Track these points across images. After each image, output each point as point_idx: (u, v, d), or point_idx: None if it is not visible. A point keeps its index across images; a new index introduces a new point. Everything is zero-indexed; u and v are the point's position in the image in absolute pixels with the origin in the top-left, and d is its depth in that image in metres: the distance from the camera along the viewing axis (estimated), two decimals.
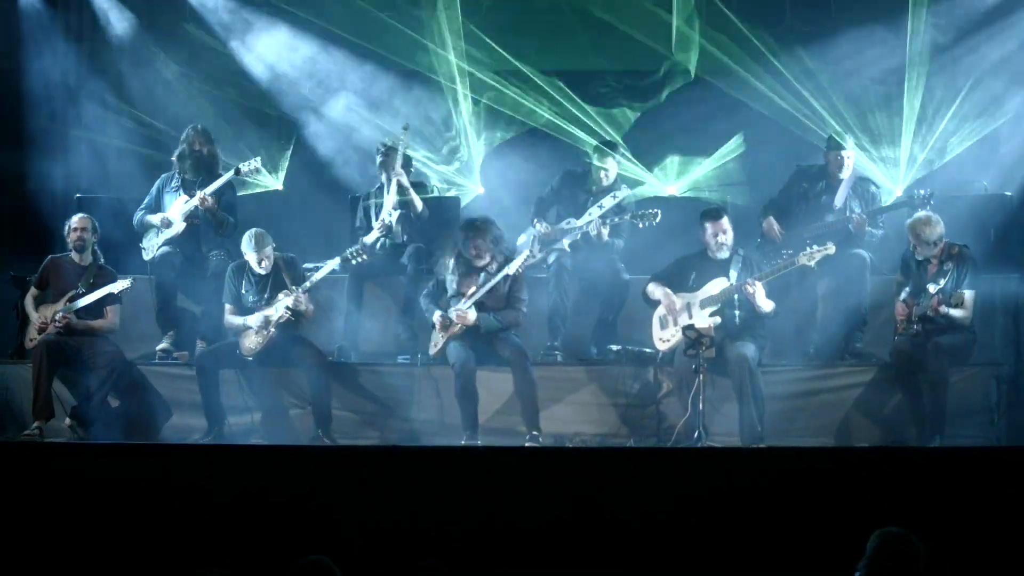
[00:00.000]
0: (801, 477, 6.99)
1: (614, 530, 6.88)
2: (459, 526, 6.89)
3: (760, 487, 6.94)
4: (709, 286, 8.71)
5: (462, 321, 8.74)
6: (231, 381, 9.04)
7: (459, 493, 7.01)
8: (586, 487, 7.04)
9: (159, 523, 7.02)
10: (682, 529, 6.87)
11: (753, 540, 6.83)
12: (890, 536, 4.90)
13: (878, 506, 6.71)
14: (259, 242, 9.03)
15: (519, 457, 7.74)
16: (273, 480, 7.18)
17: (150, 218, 9.78)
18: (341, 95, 11.27)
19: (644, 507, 6.91)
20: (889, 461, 7.23)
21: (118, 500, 7.10)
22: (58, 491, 7.16)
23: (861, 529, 5.09)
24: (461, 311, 8.74)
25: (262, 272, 9.05)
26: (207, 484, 7.13)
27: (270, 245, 9.08)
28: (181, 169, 9.84)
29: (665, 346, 8.81)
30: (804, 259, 8.63)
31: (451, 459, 7.52)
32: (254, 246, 9.02)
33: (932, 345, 8.49)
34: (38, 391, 8.79)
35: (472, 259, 8.88)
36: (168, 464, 7.37)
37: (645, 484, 7.04)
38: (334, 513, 6.98)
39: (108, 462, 7.39)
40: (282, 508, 7.01)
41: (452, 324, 8.78)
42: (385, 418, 9.13)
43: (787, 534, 6.80)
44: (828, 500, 6.86)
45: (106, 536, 7.02)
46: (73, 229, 9.23)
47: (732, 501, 6.90)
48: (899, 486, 6.88)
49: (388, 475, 7.17)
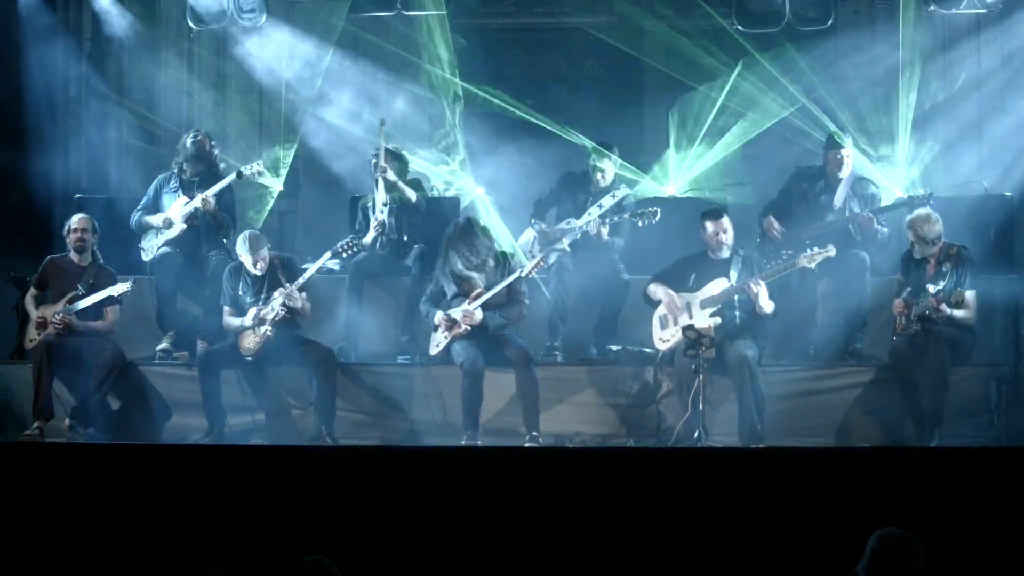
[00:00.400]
0: (801, 477, 6.98)
1: (614, 530, 6.87)
2: (459, 526, 6.89)
3: (760, 487, 6.93)
4: (710, 286, 8.71)
5: (469, 322, 8.73)
6: (231, 381, 9.04)
7: (459, 493, 7.01)
8: (586, 487, 7.03)
9: (159, 523, 7.01)
10: (682, 529, 6.87)
11: (753, 540, 6.82)
12: (889, 537, 4.91)
13: (878, 506, 6.71)
14: (253, 244, 9.00)
15: (519, 457, 7.74)
16: (273, 480, 7.18)
17: (149, 219, 9.77)
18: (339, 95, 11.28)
19: (644, 507, 6.91)
20: (889, 461, 7.22)
21: (118, 500, 7.09)
22: (58, 491, 7.16)
23: (861, 529, 5.10)
24: (468, 312, 8.74)
25: (258, 273, 9.04)
26: (207, 484, 7.13)
27: (265, 247, 9.06)
28: (181, 170, 9.83)
29: (665, 346, 8.81)
30: (805, 261, 8.62)
31: (451, 459, 7.51)
32: (248, 248, 8.99)
33: (932, 345, 8.48)
34: (38, 391, 8.79)
35: (469, 258, 8.87)
36: (168, 464, 7.37)
37: (645, 484, 7.03)
38: (334, 513, 6.98)
39: (108, 462, 7.39)
40: (282, 508, 7.00)
41: (456, 324, 8.77)
42: (385, 418, 9.13)
43: (787, 534, 6.79)
44: (828, 500, 6.86)
45: (106, 536, 7.01)
46: (73, 230, 9.22)
47: (732, 501, 6.89)
48: (899, 486, 6.88)
49: (388, 475, 7.16)
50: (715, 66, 11.09)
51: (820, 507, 6.84)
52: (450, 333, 8.80)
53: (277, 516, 6.98)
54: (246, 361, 8.97)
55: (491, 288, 8.81)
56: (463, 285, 8.88)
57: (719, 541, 6.84)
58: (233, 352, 8.98)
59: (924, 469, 7.08)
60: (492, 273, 8.89)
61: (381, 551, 6.74)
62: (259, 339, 8.86)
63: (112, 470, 7.26)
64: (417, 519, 6.92)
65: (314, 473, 7.23)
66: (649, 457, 7.72)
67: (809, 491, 6.91)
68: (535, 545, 6.87)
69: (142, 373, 9.21)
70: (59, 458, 7.57)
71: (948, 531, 6.59)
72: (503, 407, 8.92)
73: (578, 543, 6.89)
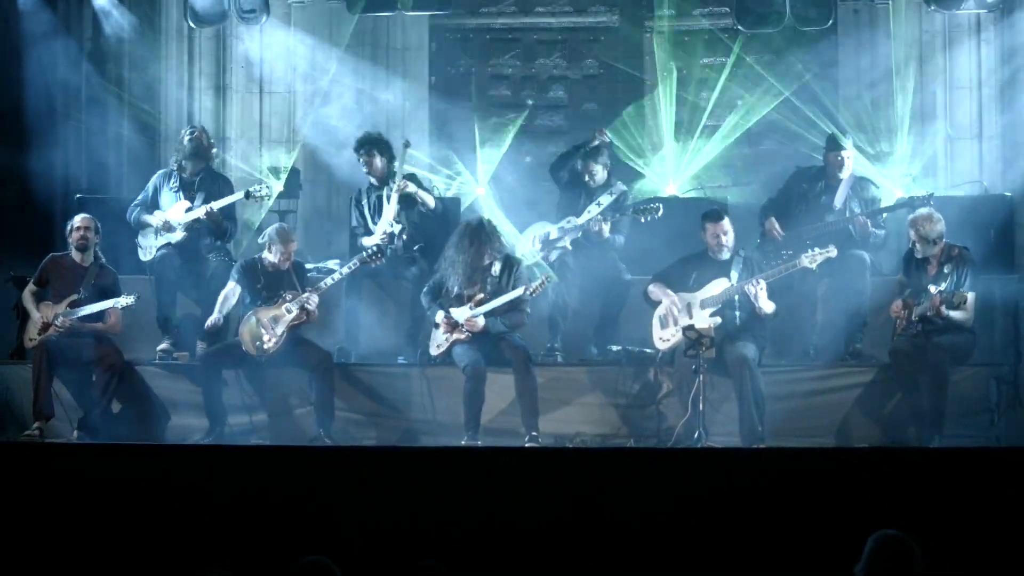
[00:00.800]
0: (801, 478, 6.98)
1: (614, 531, 6.87)
2: (459, 527, 6.89)
3: (760, 488, 6.93)
4: (710, 286, 8.71)
5: (471, 328, 8.74)
6: (231, 381, 9.05)
7: (459, 493, 7.01)
8: (586, 488, 7.03)
9: (159, 523, 7.01)
10: (682, 530, 6.86)
11: (753, 541, 6.82)
12: (888, 538, 4.91)
13: (878, 507, 6.71)
14: (284, 236, 9.03)
15: (519, 457, 7.74)
16: (273, 480, 7.17)
17: (147, 218, 9.73)
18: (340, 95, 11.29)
19: (644, 508, 6.90)
20: (889, 462, 7.22)
21: (118, 500, 7.09)
22: (58, 491, 7.15)
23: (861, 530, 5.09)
24: (471, 320, 8.74)
25: (282, 268, 9.02)
26: (207, 484, 7.13)
27: (294, 241, 9.10)
28: (180, 168, 9.81)
29: (665, 346, 8.81)
30: (806, 261, 8.62)
31: (451, 459, 7.51)
32: (280, 239, 9.00)
33: (932, 345, 8.50)
34: (38, 392, 8.79)
35: (477, 261, 8.87)
36: (168, 464, 7.37)
37: (645, 485, 7.03)
38: (334, 513, 6.97)
39: (108, 462, 7.38)
40: (282, 508, 7.00)
41: (459, 327, 8.77)
42: (385, 419, 9.13)
43: (787, 535, 6.79)
44: (828, 501, 6.85)
45: (106, 536, 7.01)
46: (76, 228, 9.21)
47: (732, 502, 6.89)
48: (899, 487, 6.87)
49: (388, 476, 7.16)
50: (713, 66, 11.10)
51: (820, 508, 6.84)
52: (451, 336, 8.80)
53: (277, 516, 6.98)
54: (247, 361, 8.97)
55: (495, 295, 8.80)
56: (468, 287, 8.87)
57: (719, 541, 6.84)
58: (235, 351, 8.99)
59: (924, 469, 7.07)
60: (496, 279, 8.89)
61: (381, 552, 6.74)
62: (275, 342, 8.86)
63: (112, 470, 7.25)
64: (417, 519, 6.92)
65: (314, 473, 7.23)
66: (649, 457, 7.72)
67: (809, 492, 6.91)
68: (535, 545, 6.87)
69: (141, 376, 9.21)
70: (59, 458, 7.57)
71: (948, 531, 6.59)
72: (504, 407, 8.91)
73: (578, 543, 6.89)
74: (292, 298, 8.91)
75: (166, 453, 7.83)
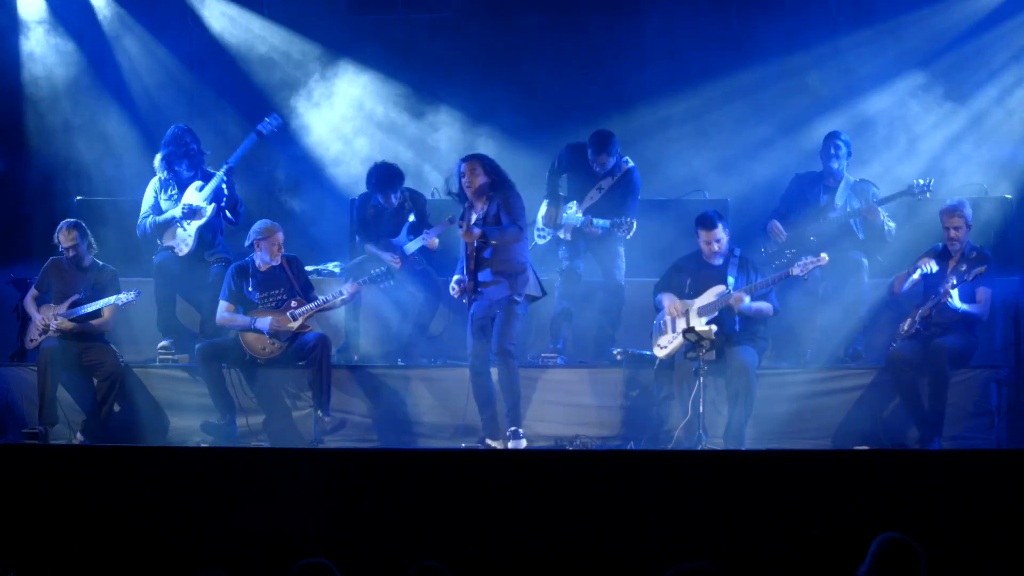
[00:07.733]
0: (801, 480, 6.98)
1: (614, 532, 6.88)
2: (459, 529, 6.89)
3: (760, 490, 6.93)
4: (706, 294, 8.72)
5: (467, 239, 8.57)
6: (231, 382, 9.05)
7: (459, 496, 7.01)
8: (586, 489, 7.04)
9: (159, 523, 7.02)
10: (682, 531, 6.87)
11: (753, 543, 6.82)
12: (892, 542, 4.91)
13: (878, 509, 6.71)
14: (267, 231, 9.05)
15: (520, 459, 7.74)
16: (273, 481, 7.17)
17: (167, 215, 9.60)
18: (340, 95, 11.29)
19: (644, 510, 6.91)
20: (888, 464, 7.21)
21: (118, 501, 7.10)
22: (59, 493, 7.16)
23: (861, 532, 5.10)
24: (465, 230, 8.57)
25: (273, 263, 9.04)
26: (207, 484, 7.13)
27: (279, 232, 9.10)
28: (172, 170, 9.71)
29: (663, 353, 8.80)
30: (796, 271, 8.65)
31: (451, 461, 7.50)
32: (264, 233, 9.03)
33: (934, 346, 8.51)
34: (43, 398, 8.84)
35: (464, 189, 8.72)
36: (168, 465, 7.37)
37: (645, 486, 7.03)
38: (334, 515, 6.98)
39: (108, 464, 7.38)
40: (282, 509, 7.00)
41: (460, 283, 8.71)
42: (385, 420, 9.13)
43: (787, 537, 6.79)
44: (828, 503, 6.86)
45: (106, 536, 7.02)
46: (65, 249, 9.14)
47: (732, 504, 6.90)
48: (899, 489, 6.88)
49: (388, 478, 7.16)
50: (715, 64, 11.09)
51: (820, 510, 6.85)
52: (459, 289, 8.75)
53: (277, 516, 6.98)
54: (245, 360, 8.99)
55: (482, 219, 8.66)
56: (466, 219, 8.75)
57: (719, 543, 6.84)
58: (234, 350, 9.00)
59: (923, 472, 7.07)
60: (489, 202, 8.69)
61: (381, 554, 6.75)
62: (277, 348, 8.91)
63: (113, 471, 7.26)
64: (417, 522, 6.92)
65: (314, 475, 7.23)
66: (650, 459, 7.71)
67: (809, 494, 6.91)
68: (535, 548, 6.87)
69: (140, 379, 9.22)
70: (60, 460, 7.57)
71: (948, 534, 6.60)
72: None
73: (578, 545, 6.89)
74: (298, 305, 8.94)
75: (166, 454, 7.83)
